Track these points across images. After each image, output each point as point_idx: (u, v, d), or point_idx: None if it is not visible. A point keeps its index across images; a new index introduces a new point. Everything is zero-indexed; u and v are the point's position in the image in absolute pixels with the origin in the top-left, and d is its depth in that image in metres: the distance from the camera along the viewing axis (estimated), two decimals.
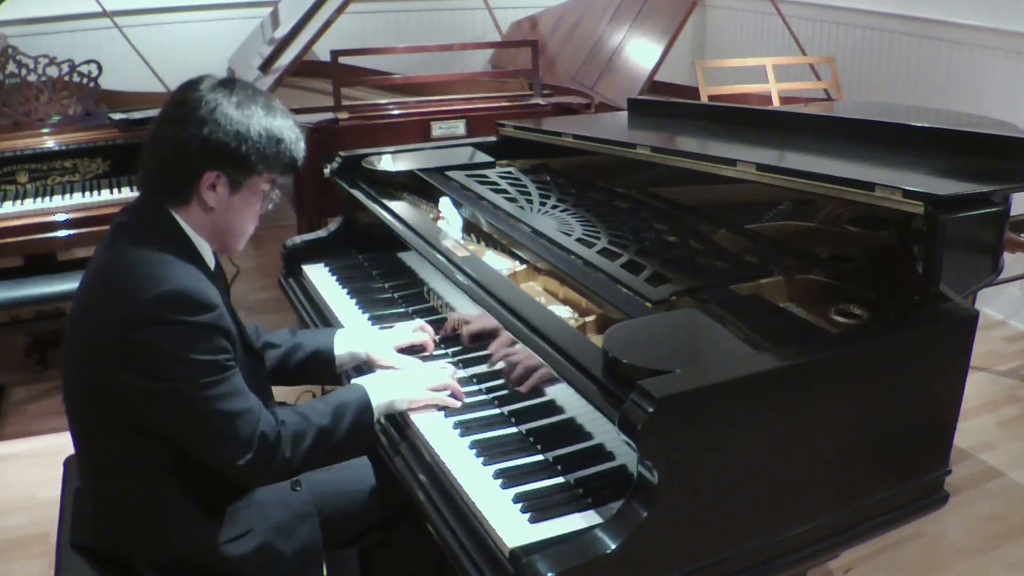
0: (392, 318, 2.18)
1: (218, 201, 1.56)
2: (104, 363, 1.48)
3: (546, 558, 1.28)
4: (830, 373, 1.48)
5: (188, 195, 1.55)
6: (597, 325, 1.70)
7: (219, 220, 1.58)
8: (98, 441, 1.58)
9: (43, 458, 2.97)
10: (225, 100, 1.53)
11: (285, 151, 1.58)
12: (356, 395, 1.69)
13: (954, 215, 1.59)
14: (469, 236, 2.19)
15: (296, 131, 1.61)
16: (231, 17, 4.64)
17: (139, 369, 1.45)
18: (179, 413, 1.48)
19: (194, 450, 1.53)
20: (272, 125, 1.56)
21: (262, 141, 1.54)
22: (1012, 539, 2.62)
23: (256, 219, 1.65)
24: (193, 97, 1.54)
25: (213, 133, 1.51)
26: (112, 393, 1.49)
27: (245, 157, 1.53)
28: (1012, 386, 3.47)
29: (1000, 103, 3.69)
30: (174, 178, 1.55)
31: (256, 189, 1.59)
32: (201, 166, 1.53)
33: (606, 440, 1.50)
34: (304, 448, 1.58)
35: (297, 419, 1.60)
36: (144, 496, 1.57)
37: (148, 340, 1.44)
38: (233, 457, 1.50)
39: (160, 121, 1.57)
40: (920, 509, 1.67)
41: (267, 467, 1.54)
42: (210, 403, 1.47)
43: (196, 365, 1.46)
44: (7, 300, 3.11)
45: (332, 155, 2.60)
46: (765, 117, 2.42)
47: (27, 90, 3.26)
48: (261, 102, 1.57)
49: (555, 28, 4.35)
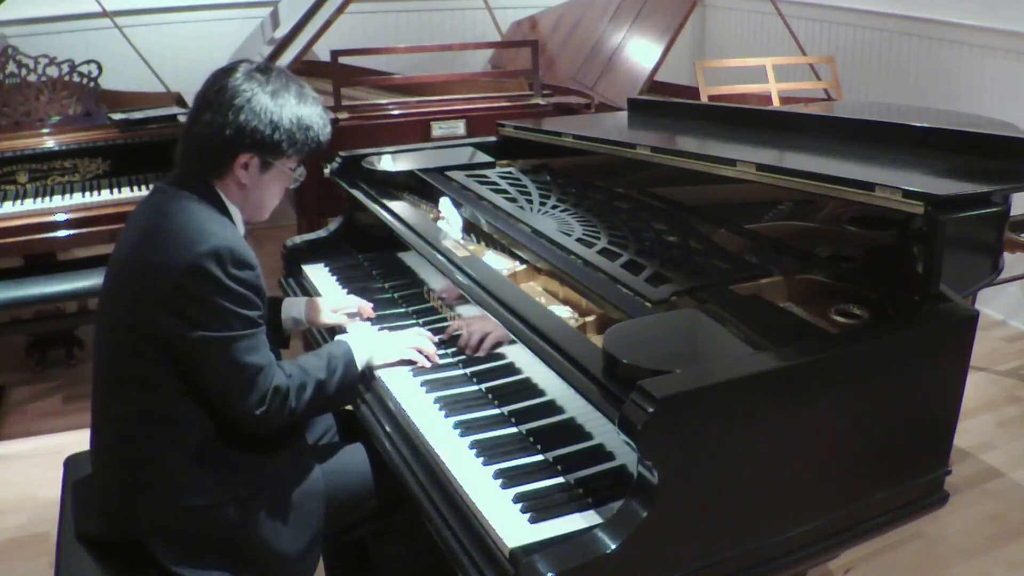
0: (392, 318, 2.19)
1: (250, 179, 1.70)
2: (148, 306, 1.59)
3: (546, 558, 1.28)
4: (830, 373, 1.48)
5: (223, 172, 1.70)
6: (597, 325, 1.70)
7: (250, 194, 1.73)
8: (125, 392, 1.65)
9: (43, 458, 2.97)
10: (260, 89, 1.66)
11: (314, 137, 1.73)
12: (342, 350, 1.82)
13: (954, 215, 1.59)
14: (469, 236, 2.19)
15: (324, 117, 1.76)
16: (231, 17, 4.63)
17: (183, 314, 1.57)
18: (210, 360, 1.60)
19: (216, 396, 1.64)
20: (303, 113, 1.70)
21: (293, 128, 1.68)
22: (1012, 539, 2.62)
23: (282, 193, 1.80)
24: (231, 84, 1.66)
25: (249, 121, 1.64)
26: (150, 336, 1.60)
27: (277, 143, 1.68)
28: (1012, 386, 3.47)
29: (1000, 103, 3.69)
30: (211, 158, 1.68)
31: (284, 169, 1.75)
32: (236, 149, 1.67)
33: (606, 440, 1.50)
34: (305, 398, 1.70)
35: (299, 372, 1.71)
36: (162, 450, 1.64)
37: (196, 289, 1.57)
38: (250, 407, 1.62)
39: (198, 105, 1.69)
40: (920, 509, 1.67)
41: (277, 417, 1.66)
42: (238, 355, 1.60)
43: (234, 317, 1.59)
44: (7, 300, 3.11)
45: (332, 155, 2.60)
46: (765, 117, 2.42)
47: (27, 90, 3.25)
48: (294, 90, 1.71)
49: (555, 28, 4.35)
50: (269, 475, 1.70)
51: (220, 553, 1.64)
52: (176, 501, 1.62)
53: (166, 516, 1.63)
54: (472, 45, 4.34)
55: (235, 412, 1.64)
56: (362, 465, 1.84)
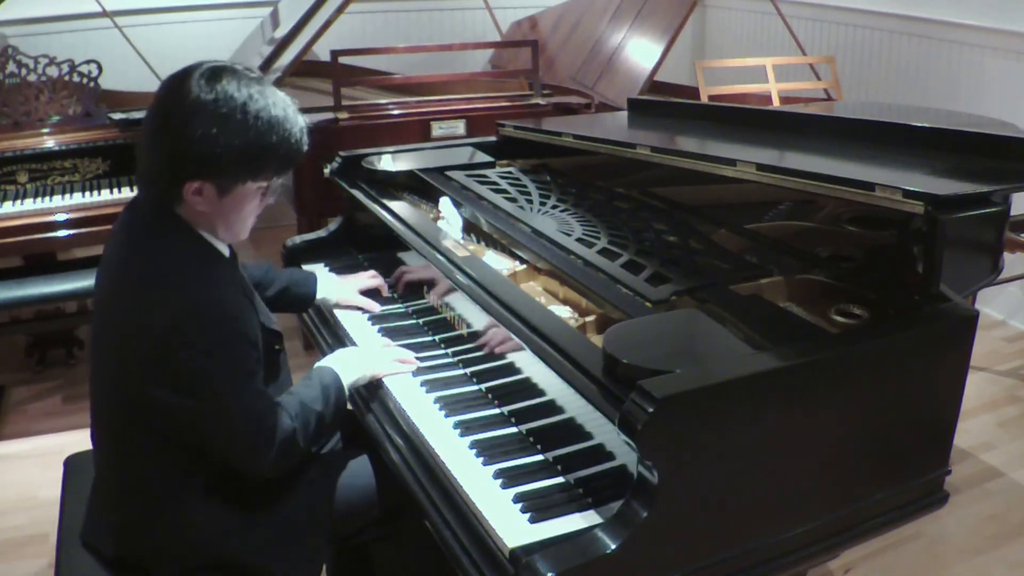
0: (392, 318, 2.19)
1: (207, 204, 1.53)
2: (134, 375, 1.51)
3: (546, 558, 1.28)
4: (830, 373, 1.48)
5: (175, 200, 1.54)
6: (597, 325, 1.70)
7: (214, 218, 1.57)
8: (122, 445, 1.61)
9: (43, 458, 2.97)
10: (206, 110, 1.46)
11: (272, 158, 1.52)
12: (331, 377, 1.76)
13: (954, 215, 1.59)
14: (469, 236, 2.19)
15: (286, 128, 1.52)
16: (231, 17, 4.63)
17: (170, 384, 1.49)
18: (207, 422, 1.53)
19: (220, 453, 1.58)
20: (258, 133, 1.48)
21: (245, 153, 1.48)
22: (1012, 539, 2.61)
23: (256, 211, 1.61)
24: (176, 102, 1.48)
25: (191, 147, 1.46)
26: (143, 402, 1.52)
27: (227, 170, 1.50)
28: (1012, 386, 3.47)
29: (1000, 103, 3.68)
30: (159, 185, 1.54)
31: (249, 191, 1.55)
32: (182, 177, 1.50)
33: (606, 440, 1.50)
34: (310, 434, 1.66)
35: (301, 410, 1.65)
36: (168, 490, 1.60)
37: (178, 358, 1.47)
38: (258, 458, 1.57)
39: (146, 126, 1.54)
40: (920, 509, 1.67)
41: (289, 460, 1.63)
42: (238, 411, 1.52)
43: (223, 378, 1.50)
44: (7, 300, 3.11)
45: (332, 155, 2.59)
46: (765, 117, 2.42)
47: (27, 90, 3.25)
48: (252, 109, 1.48)
49: (555, 28, 4.35)
50: (269, 482, 1.68)
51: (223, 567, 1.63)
52: (183, 534, 1.61)
53: (171, 544, 1.61)
54: (472, 45, 4.34)
55: (247, 468, 1.59)
56: (367, 476, 1.82)
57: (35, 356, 3.58)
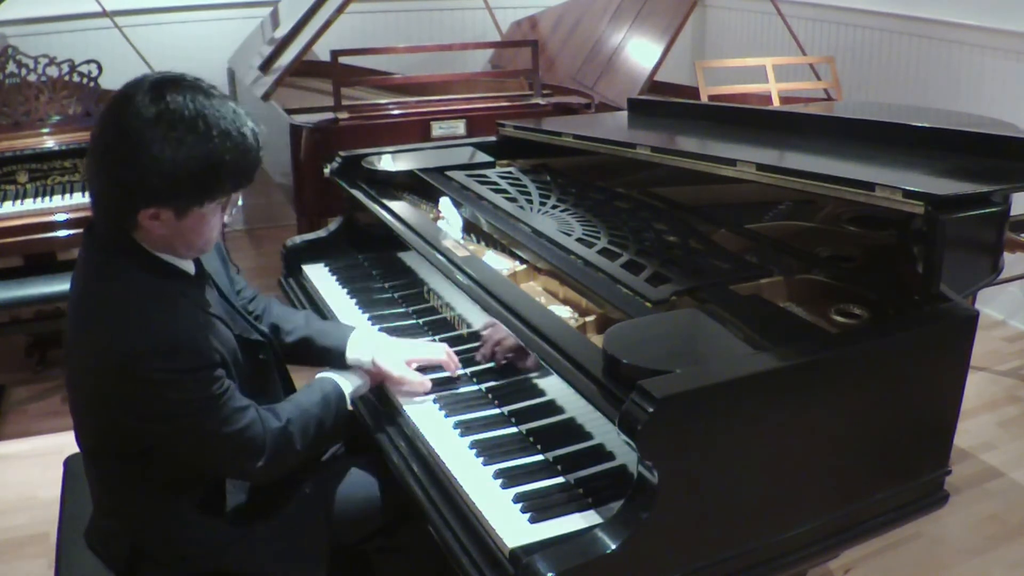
0: (392, 318, 2.19)
1: (166, 227, 1.47)
2: (104, 404, 1.50)
3: (546, 558, 1.28)
4: (830, 373, 1.48)
5: (133, 226, 1.48)
6: (597, 325, 1.70)
7: (174, 239, 1.50)
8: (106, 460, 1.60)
9: (43, 458, 2.97)
10: (153, 132, 1.38)
11: (227, 174, 1.44)
12: (332, 386, 1.75)
13: (954, 215, 1.59)
14: (469, 236, 2.18)
15: (238, 140, 1.44)
16: (231, 17, 4.63)
17: (137, 415, 1.47)
18: (185, 444, 1.52)
19: (207, 468, 1.59)
20: (209, 151, 1.40)
21: (199, 173, 1.41)
22: (1012, 539, 2.61)
23: (219, 226, 1.54)
24: (122, 132, 1.40)
25: (143, 176, 1.38)
26: (118, 428, 1.51)
27: (182, 193, 1.42)
28: (1012, 386, 3.47)
29: (1000, 103, 3.68)
30: (113, 214, 1.47)
31: (204, 212, 1.48)
32: (135, 205, 1.43)
33: (606, 440, 1.50)
34: (309, 439, 1.64)
35: (299, 415, 1.64)
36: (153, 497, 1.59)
37: (139, 393, 1.44)
38: (247, 467, 1.56)
39: (92, 153, 1.45)
40: (920, 509, 1.67)
41: (282, 464, 1.60)
42: (213, 430, 1.50)
43: (190, 405, 1.46)
44: (7, 300, 3.11)
45: (332, 155, 2.59)
46: (765, 117, 2.42)
47: (27, 90, 3.25)
48: (201, 125, 1.40)
49: (555, 28, 4.35)
50: (269, 491, 1.68)
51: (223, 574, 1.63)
52: (175, 531, 1.60)
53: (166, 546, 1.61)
54: (472, 45, 4.34)
55: (235, 476, 1.59)
56: (368, 483, 1.81)
57: (35, 356, 3.58)
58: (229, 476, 1.59)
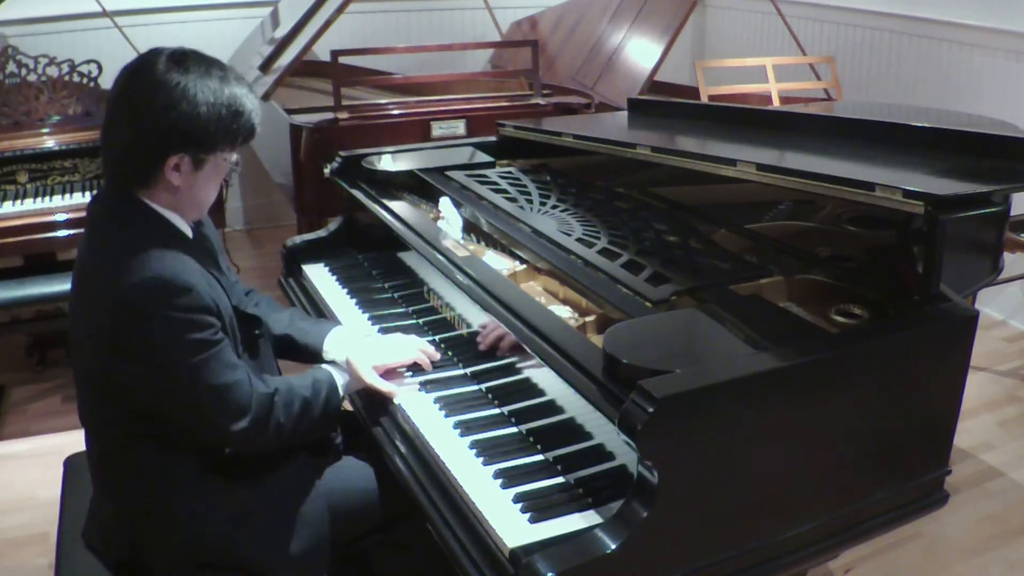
0: (392, 318, 2.19)
1: (183, 179, 1.58)
2: (98, 354, 1.54)
3: (546, 558, 1.28)
4: (830, 373, 1.48)
5: (152, 180, 1.57)
6: (597, 325, 1.70)
7: (183, 196, 1.61)
8: (107, 435, 1.63)
9: (43, 458, 2.97)
10: (179, 81, 1.52)
11: (246, 123, 1.60)
12: (326, 375, 1.76)
13: (954, 215, 1.59)
14: (469, 236, 2.18)
15: (252, 99, 1.62)
16: (231, 17, 4.64)
17: (129, 357, 1.51)
18: (171, 393, 1.54)
19: (190, 426, 1.58)
20: (230, 99, 1.56)
21: (223, 119, 1.55)
22: (1012, 539, 2.62)
23: (218, 187, 1.68)
24: (146, 83, 1.52)
25: (173, 120, 1.51)
26: (111, 382, 1.55)
27: (205, 137, 1.55)
28: (1012, 386, 3.47)
29: (1000, 103, 3.69)
30: (137, 167, 1.56)
31: (219, 162, 1.61)
32: (163, 151, 1.54)
33: (606, 440, 1.50)
34: (293, 415, 1.64)
35: (286, 388, 1.66)
36: (156, 476, 1.61)
37: (132, 330, 1.49)
38: (227, 428, 1.56)
39: (111, 111, 1.56)
40: (920, 509, 1.67)
41: (262, 432, 1.60)
42: (200, 380, 1.52)
43: (181, 347, 1.51)
44: (7, 300, 3.11)
45: (332, 155, 2.59)
46: (765, 117, 2.42)
47: (27, 90, 3.25)
48: (216, 75, 1.56)
49: (555, 28, 4.35)
50: (269, 486, 1.68)
51: (224, 569, 1.63)
52: (175, 524, 1.60)
53: (168, 541, 1.61)
54: (472, 45, 4.34)
55: (215, 436, 1.59)
56: (367, 479, 1.81)
57: (35, 356, 3.58)
58: (210, 436, 1.59)
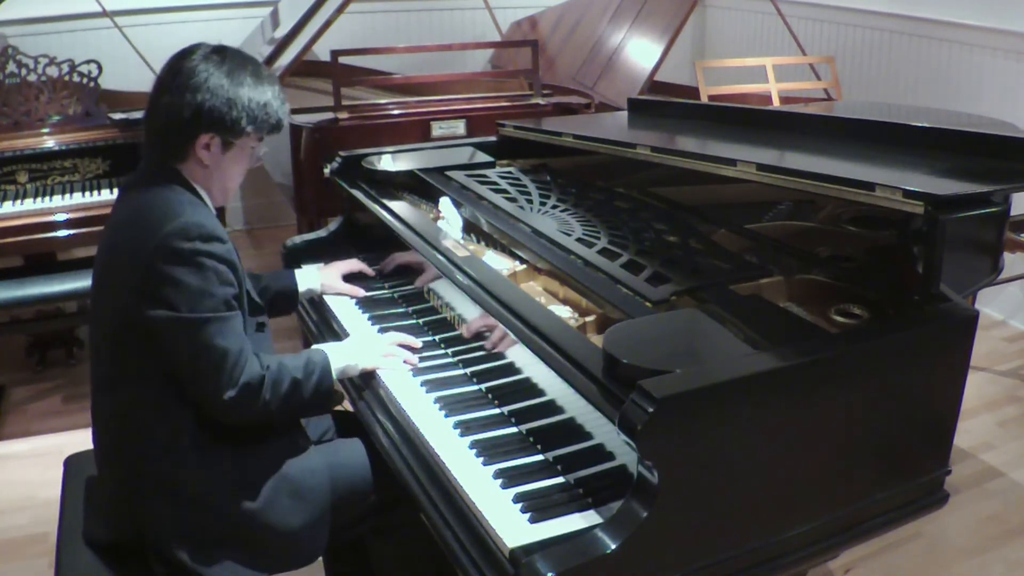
0: (392, 318, 2.19)
1: (212, 159, 1.72)
2: (124, 294, 1.62)
3: (546, 558, 1.28)
4: (830, 373, 1.48)
5: (186, 154, 1.71)
6: (597, 325, 1.70)
7: (213, 174, 1.74)
8: (117, 386, 1.67)
9: (43, 458, 2.97)
10: (216, 69, 1.68)
11: (273, 114, 1.74)
12: (320, 357, 1.80)
13: (954, 215, 1.59)
14: (469, 236, 2.19)
15: (281, 96, 1.77)
16: (231, 17, 4.64)
17: (153, 296, 1.59)
18: (179, 342, 1.60)
19: (186, 382, 1.64)
20: (261, 92, 1.72)
21: (251, 106, 1.70)
22: (1012, 539, 2.62)
23: (244, 172, 1.81)
24: (187, 67, 1.68)
25: (206, 101, 1.66)
26: (131, 324, 1.62)
27: (236, 120, 1.69)
28: (1012, 386, 3.47)
29: (1000, 103, 3.69)
30: (172, 140, 1.70)
31: (246, 147, 1.75)
32: (196, 129, 1.68)
33: (606, 440, 1.50)
34: (281, 394, 1.69)
35: (277, 366, 1.71)
36: (159, 442, 1.65)
37: (164, 268, 1.59)
38: (218, 392, 1.61)
39: (157, 89, 1.71)
40: (920, 509, 1.67)
41: (248, 407, 1.65)
42: (209, 336, 1.60)
43: (204, 297, 1.60)
44: (7, 300, 3.11)
45: (332, 155, 2.59)
46: (765, 117, 2.42)
47: (27, 90, 3.25)
48: (250, 70, 1.72)
49: (555, 28, 4.35)
50: (269, 458, 1.71)
51: (229, 543, 1.65)
52: (179, 494, 1.63)
53: (172, 512, 1.63)
54: (472, 45, 4.34)
55: (204, 398, 1.64)
56: (361, 460, 1.83)
57: (35, 356, 3.58)
58: (199, 397, 1.64)
